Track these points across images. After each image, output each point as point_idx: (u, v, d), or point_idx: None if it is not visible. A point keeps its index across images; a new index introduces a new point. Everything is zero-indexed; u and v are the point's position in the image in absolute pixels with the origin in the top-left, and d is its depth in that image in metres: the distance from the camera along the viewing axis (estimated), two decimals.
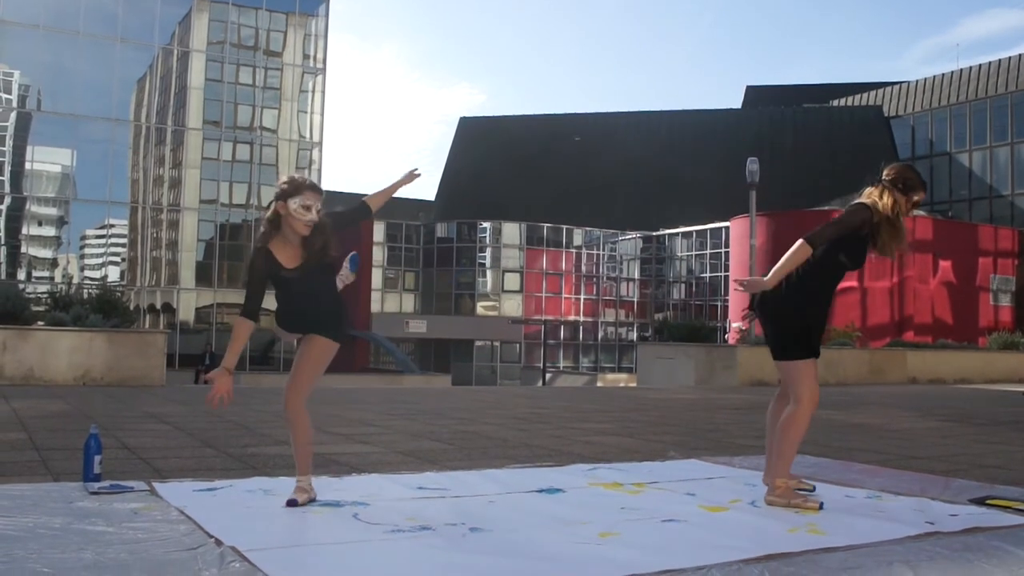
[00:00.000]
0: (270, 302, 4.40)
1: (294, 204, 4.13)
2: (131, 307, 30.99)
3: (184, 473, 5.16)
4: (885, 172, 4.70)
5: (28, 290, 34.18)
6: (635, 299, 58.95)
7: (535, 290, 55.57)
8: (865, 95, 62.58)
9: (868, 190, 4.71)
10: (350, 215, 4.54)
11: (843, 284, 5.03)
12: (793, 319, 4.61)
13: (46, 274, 40.62)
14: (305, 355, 4.38)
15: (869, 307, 35.67)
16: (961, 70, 55.87)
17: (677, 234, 56.76)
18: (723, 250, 50.40)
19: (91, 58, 39.73)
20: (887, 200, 4.58)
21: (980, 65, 54.82)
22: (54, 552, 3.14)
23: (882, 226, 4.56)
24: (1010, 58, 53.10)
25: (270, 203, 4.24)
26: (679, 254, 57.52)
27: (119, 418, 8.36)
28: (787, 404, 4.83)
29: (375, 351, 48.87)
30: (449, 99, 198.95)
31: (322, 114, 44.62)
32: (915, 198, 4.69)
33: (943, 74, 56.94)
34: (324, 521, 3.88)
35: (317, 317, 4.38)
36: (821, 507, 4.36)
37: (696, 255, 56.31)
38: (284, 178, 4.26)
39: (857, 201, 4.67)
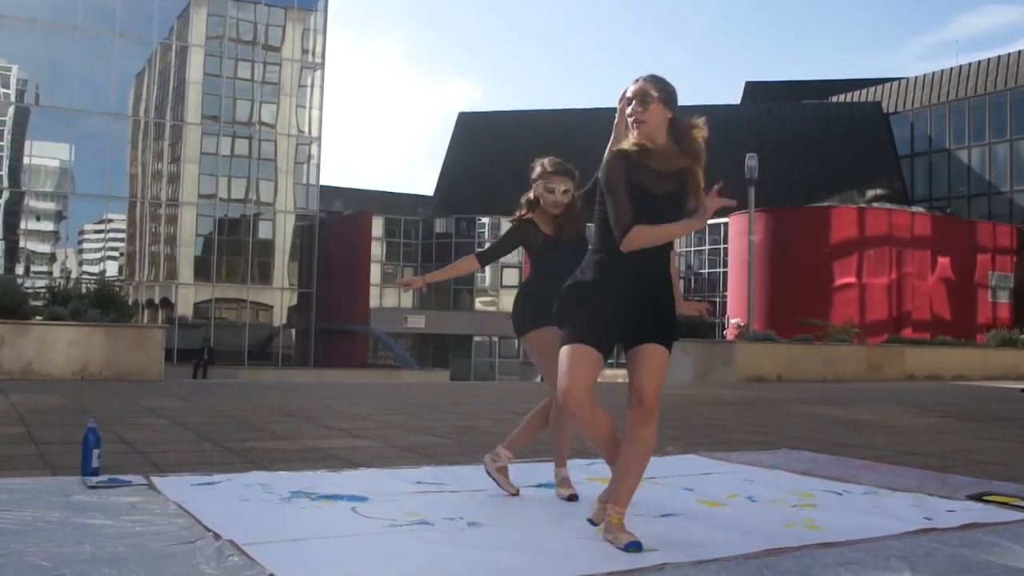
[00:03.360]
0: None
1: (539, 189, 4.46)
2: (129, 302, 31.00)
3: (182, 467, 5.16)
4: None
5: (26, 284, 34.20)
6: None
7: None
8: (864, 91, 62.52)
9: None
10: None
11: (841, 280, 4.98)
12: None
13: (44, 269, 40.64)
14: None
15: (867, 303, 35.67)
16: (960, 66, 55.84)
17: None
18: (722, 246, 50.41)
19: (89, 53, 39.72)
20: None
21: (979, 61, 54.79)
22: (52, 546, 3.14)
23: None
24: (1009, 54, 53.09)
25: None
26: (678, 249, 57.48)
27: (117, 412, 8.36)
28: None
29: (373, 346, 48.88)
30: (446, 95, 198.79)
31: (321, 109, 44.64)
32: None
33: (942, 70, 56.91)
34: (322, 515, 3.88)
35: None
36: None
37: (695, 250, 56.32)
38: (535, 163, 4.54)
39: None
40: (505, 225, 55.12)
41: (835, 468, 5.70)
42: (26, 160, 39.28)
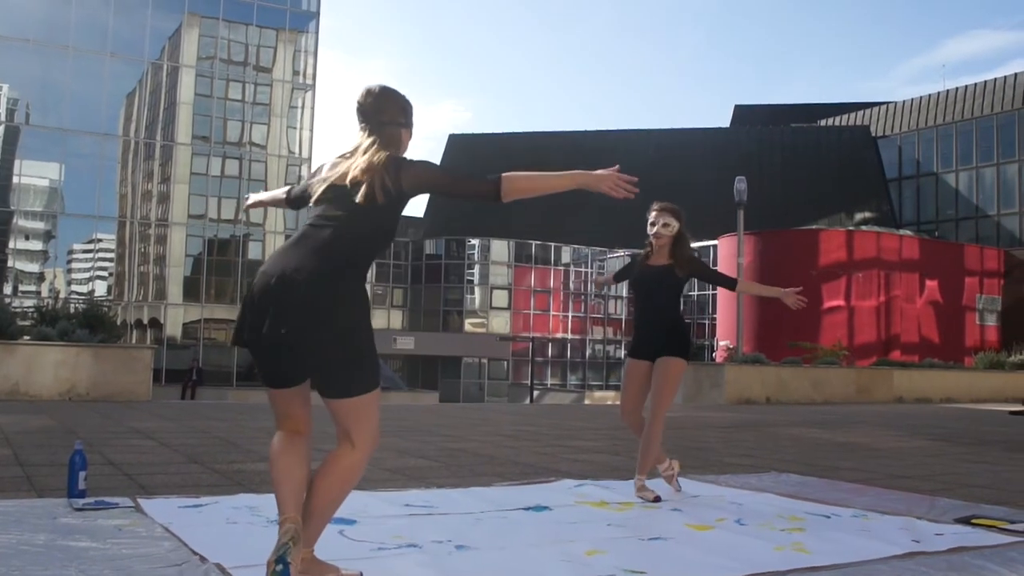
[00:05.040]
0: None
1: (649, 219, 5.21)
2: (118, 322, 30.87)
3: (170, 489, 5.14)
4: None
5: (14, 304, 34.04)
6: (623, 317, 59.01)
7: (523, 307, 55.60)
8: (853, 115, 62.92)
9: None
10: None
11: (830, 303, 5.03)
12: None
13: (33, 288, 40.46)
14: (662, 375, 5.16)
15: (856, 326, 35.75)
16: (947, 91, 56.27)
17: None
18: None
19: (80, 72, 39.72)
20: None
21: (966, 86, 55.23)
22: (37, 569, 3.12)
23: None
24: (995, 79, 53.53)
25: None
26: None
27: (105, 434, 8.32)
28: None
29: None
30: (435, 116, 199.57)
31: (311, 130, 44.63)
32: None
33: (930, 95, 57.34)
34: None
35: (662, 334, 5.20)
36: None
37: None
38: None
39: None
40: (497, 245, 55.34)
41: (824, 491, 5.70)
42: (15, 179, 39.17)
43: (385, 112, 3.23)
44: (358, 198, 2.99)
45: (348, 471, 3.09)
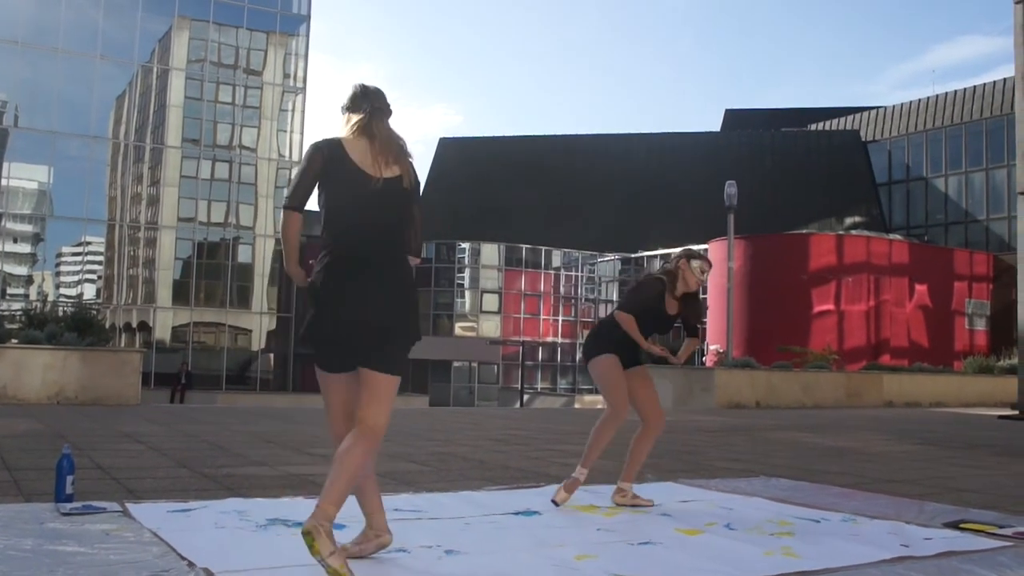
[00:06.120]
0: None
1: (696, 263, 5.44)
2: (107, 325, 30.77)
3: (158, 494, 5.12)
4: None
5: (2, 307, 33.90)
6: None
7: (513, 311, 55.52)
8: (843, 119, 63.09)
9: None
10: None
11: (820, 307, 5.10)
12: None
13: (21, 291, 40.27)
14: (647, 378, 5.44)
15: (846, 330, 35.82)
16: (937, 96, 56.46)
17: (656, 256, 56.95)
18: None
19: (70, 75, 39.59)
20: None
21: (955, 91, 55.43)
22: (24, 574, 3.10)
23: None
24: (984, 85, 53.75)
25: (676, 258, 5.53)
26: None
27: (93, 437, 8.28)
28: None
29: None
30: (426, 120, 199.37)
31: (301, 133, 44.53)
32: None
33: (919, 100, 57.52)
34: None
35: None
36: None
37: None
38: (690, 248, 5.62)
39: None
40: (487, 249, 55.36)
41: (813, 495, 5.70)
42: (4, 182, 38.98)
43: (380, 99, 3.51)
44: (404, 183, 3.38)
45: (364, 455, 3.33)
